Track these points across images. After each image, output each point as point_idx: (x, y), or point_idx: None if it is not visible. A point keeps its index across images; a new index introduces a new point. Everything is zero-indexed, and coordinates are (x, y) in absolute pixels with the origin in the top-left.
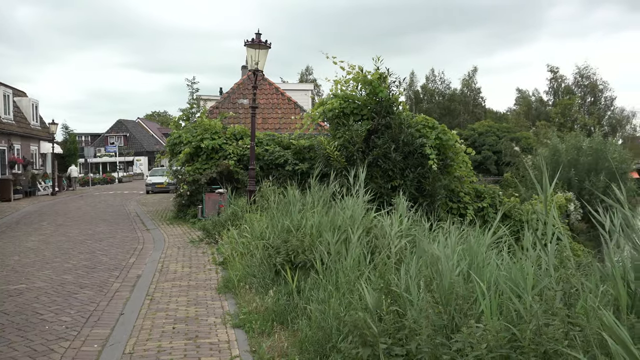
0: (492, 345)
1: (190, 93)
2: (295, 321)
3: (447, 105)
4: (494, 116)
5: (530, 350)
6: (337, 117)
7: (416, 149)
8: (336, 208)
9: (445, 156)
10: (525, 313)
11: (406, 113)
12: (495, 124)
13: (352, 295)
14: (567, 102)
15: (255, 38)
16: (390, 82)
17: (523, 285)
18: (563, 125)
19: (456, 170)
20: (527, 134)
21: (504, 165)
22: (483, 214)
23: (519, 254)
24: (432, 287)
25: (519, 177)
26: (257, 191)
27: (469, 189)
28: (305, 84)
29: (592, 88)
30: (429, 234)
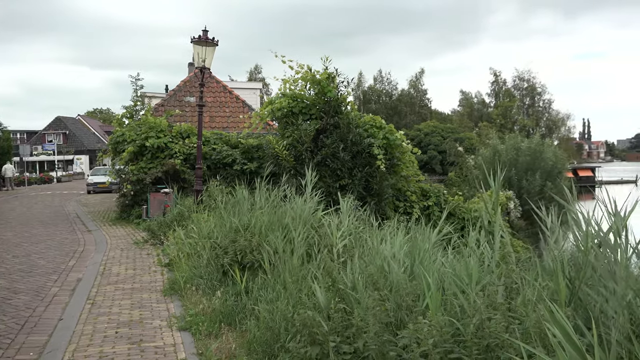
0: (436, 341)
1: (134, 90)
2: (244, 322)
3: (395, 106)
4: (439, 117)
5: (473, 344)
6: (286, 117)
7: (364, 149)
8: (285, 208)
9: (392, 156)
10: (468, 308)
11: (354, 113)
12: (440, 124)
13: (300, 294)
14: (507, 104)
15: (203, 35)
16: (338, 82)
17: (467, 281)
18: (504, 126)
19: (403, 170)
20: (470, 135)
21: (449, 165)
22: (428, 212)
23: (464, 251)
24: (379, 284)
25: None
26: (205, 191)
27: (415, 188)
28: (254, 83)
29: (531, 91)
30: (376, 233)
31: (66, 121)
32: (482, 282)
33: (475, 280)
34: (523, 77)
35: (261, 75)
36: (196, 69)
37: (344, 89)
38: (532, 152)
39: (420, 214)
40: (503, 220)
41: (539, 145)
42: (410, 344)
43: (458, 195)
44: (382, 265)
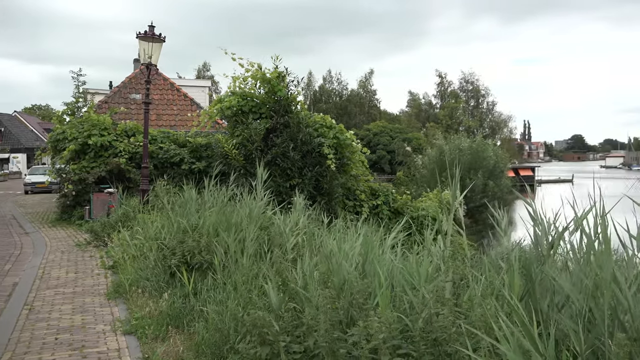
0: (386, 337)
1: (75, 86)
2: (192, 324)
3: (344, 106)
4: (388, 117)
5: (421, 339)
6: (236, 115)
7: (314, 148)
8: (235, 207)
9: (342, 155)
10: (417, 304)
11: (304, 112)
12: (389, 124)
13: (251, 294)
14: (453, 105)
15: (149, 30)
16: (288, 81)
17: (417, 278)
18: (450, 127)
19: (353, 169)
20: (418, 135)
21: (397, 165)
22: (377, 211)
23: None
24: (329, 283)
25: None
26: (151, 191)
27: (364, 187)
28: (202, 80)
29: (475, 93)
30: (326, 231)
31: (1, 117)
32: (431, 279)
33: (424, 278)
34: (468, 80)
35: (210, 73)
36: (142, 65)
37: (294, 88)
38: (473, 151)
39: (369, 213)
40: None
41: (481, 145)
42: (360, 340)
43: (406, 194)
44: (334, 264)
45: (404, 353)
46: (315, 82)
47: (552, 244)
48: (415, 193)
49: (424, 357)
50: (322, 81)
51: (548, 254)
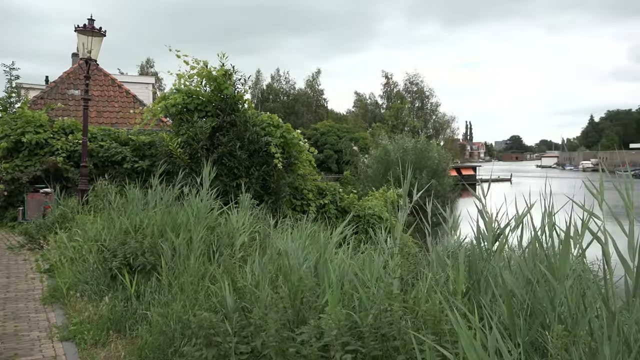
0: (335, 334)
1: (8, 80)
2: (134, 328)
3: (292, 105)
4: (335, 117)
5: (370, 335)
6: (181, 113)
7: (261, 147)
8: (180, 207)
9: (289, 154)
10: (367, 301)
11: (252, 111)
12: (336, 124)
13: (197, 295)
14: (398, 106)
15: (88, 24)
16: (235, 80)
17: (367, 276)
18: (395, 127)
19: (300, 169)
20: (364, 135)
21: (344, 164)
22: (325, 210)
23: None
24: (279, 282)
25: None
26: (91, 190)
27: (312, 186)
28: (146, 77)
29: (420, 94)
30: (274, 231)
31: None
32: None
33: (373, 275)
34: (413, 81)
35: (154, 70)
36: (81, 60)
37: (241, 86)
38: (418, 151)
39: (316, 212)
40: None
41: (425, 145)
42: (309, 339)
43: (353, 193)
44: (284, 263)
45: (353, 349)
46: (263, 80)
47: (495, 240)
48: (362, 192)
49: (372, 352)
50: (270, 80)
51: (492, 250)
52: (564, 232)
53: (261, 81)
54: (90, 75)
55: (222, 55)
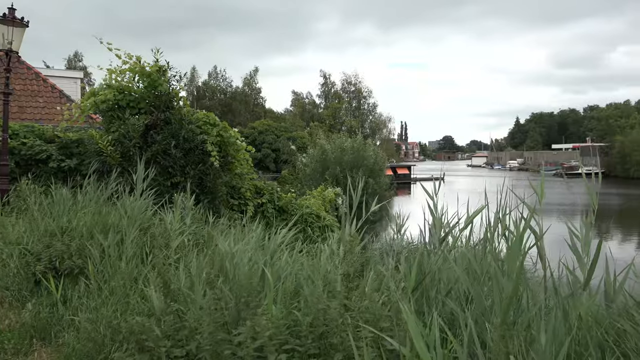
0: (272, 333)
1: None
2: (61, 335)
3: (229, 103)
4: (273, 116)
5: (309, 333)
6: (112, 110)
7: (197, 146)
8: (112, 207)
9: (226, 153)
10: (310, 299)
11: (187, 109)
12: (274, 123)
13: (129, 299)
14: (336, 105)
15: (9, 13)
16: (170, 76)
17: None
18: (333, 126)
19: (237, 168)
20: (302, 134)
21: (282, 163)
22: (262, 209)
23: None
24: (217, 283)
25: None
26: (12, 191)
27: (249, 185)
28: (73, 72)
29: (357, 94)
30: (212, 230)
31: None
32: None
33: (317, 273)
34: (350, 81)
35: (82, 64)
36: (1, 51)
37: (176, 83)
38: (355, 151)
39: (254, 211)
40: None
41: (362, 144)
42: (245, 340)
43: (291, 193)
44: (224, 263)
45: (290, 348)
46: (198, 78)
47: (444, 238)
48: (300, 191)
49: (310, 351)
50: (206, 77)
51: (440, 246)
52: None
53: (197, 78)
54: (11, 68)
55: (156, 51)
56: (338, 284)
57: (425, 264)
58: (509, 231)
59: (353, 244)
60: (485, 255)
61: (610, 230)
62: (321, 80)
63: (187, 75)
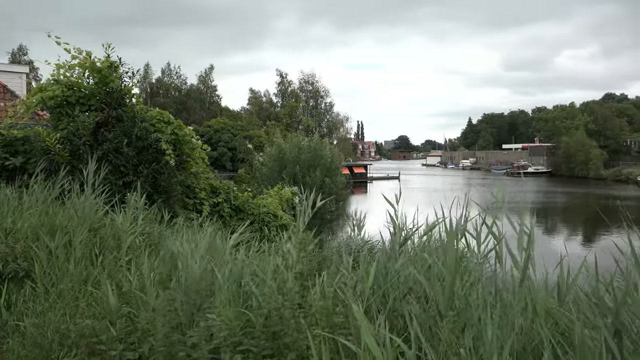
0: (226, 334)
1: None
2: (5, 341)
3: (184, 101)
4: (230, 114)
5: (262, 333)
6: (60, 107)
7: (151, 144)
8: (60, 208)
9: (181, 152)
10: (262, 299)
11: (140, 106)
12: (230, 122)
13: (78, 302)
14: (293, 104)
15: None
16: (122, 72)
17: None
18: (290, 125)
19: (193, 167)
20: (259, 133)
21: (239, 162)
22: (218, 209)
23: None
24: (170, 284)
25: (252, 173)
26: None
27: (205, 184)
28: (18, 66)
29: (314, 93)
30: (167, 231)
31: None
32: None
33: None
34: (308, 80)
35: (28, 58)
36: None
37: (129, 80)
38: (312, 150)
39: (210, 211)
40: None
41: (319, 144)
42: (199, 342)
43: (247, 192)
44: (177, 264)
45: (245, 349)
46: (152, 74)
47: (404, 242)
48: (257, 190)
49: (264, 351)
50: (160, 74)
51: (400, 250)
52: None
53: (151, 75)
54: None
55: (107, 46)
56: (289, 282)
57: (383, 264)
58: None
59: (306, 243)
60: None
61: (556, 227)
62: (278, 79)
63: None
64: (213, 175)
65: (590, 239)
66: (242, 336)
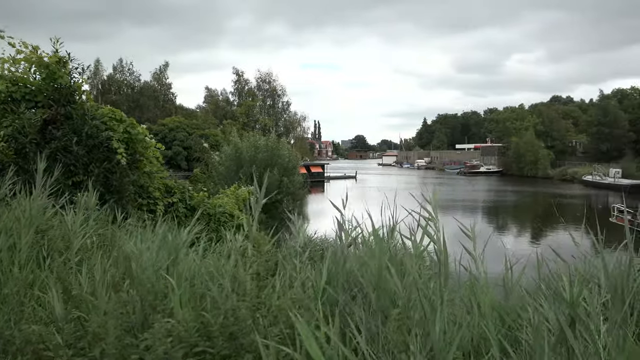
0: (181, 336)
1: None
2: None
3: (137, 99)
4: (185, 113)
5: (219, 335)
6: (4, 103)
7: (102, 143)
8: (4, 209)
9: (134, 151)
10: (219, 300)
11: (91, 103)
12: (185, 120)
13: (24, 307)
14: (250, 103)
15: None
16: (72, 68)
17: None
18: (247, 124)
19: (146, 166)
20: (215, 132)
21: (195, 161)
22: (173, 209)
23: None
24: (123, 286)
25: (208, 172)
26: None
27: (159, 184)
28: None
29: (271, 92)
30: (119, 232)
31: None
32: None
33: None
34: (265, 79)
35: None
36: None
37: (78, 76)
38: (269, 149)
39: (164, 211)
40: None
41: (276, 143)
42: (153, 344)
43: (203, 192)
44: (130, 266)
45: (201, 351)
46: (103, 71)
47: (353, 241)
48: (213, 190)
49: (222, 352)
50: (111, 71)
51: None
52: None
53: (102, 72)
54: None
55: (55, 41)
56: (247, 284)
57: (335, 265)
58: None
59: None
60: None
61: (506, 225)
62: (235, 77)
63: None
64: (168, 174)
65: (538, 236)
66: (198, 337)
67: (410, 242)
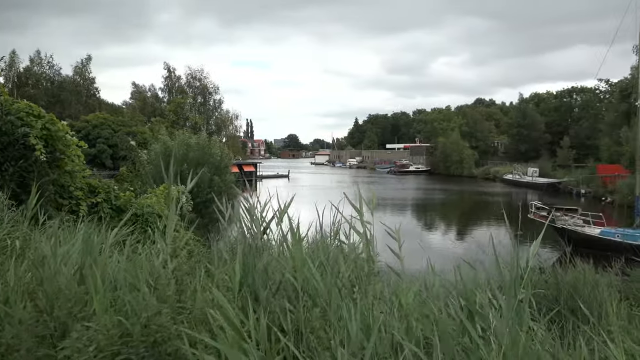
0: (102, 345)
1: None
2: None
3: (57, 93)
4: (110, 109)
5: (140, 343)
6: None
7: (18, 139)
8: None
9: (54, 149)
10: (137, 305)
11: (5, 97)
12: (111, 117)
13: None
14: (180, 100)
15: None
16: None
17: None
18: (176, 122)
19: (67, 165)
20: (143, 129)
21: (121, 159)
22: (97, 209)
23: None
24: (38, 293)
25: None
26: None
27: (82, 183)
28: None
29: (203, 90)
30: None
31: None
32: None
33: (145, 276)
34: (196, 76)
35: None
36: None
37: None
38: (200, 148)
39: (88, 212)
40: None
41: (207, 141)
42: (72, 354)
43: (129, 191)
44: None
45: (124, 358)
46: (20, 63)
47: (262, 233)
48: (141, 189)
49: (145, 359)
50: (29, 63)
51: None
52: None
53: (18, 64)
54: None
55: None
56: (170, 287)
57: (252, 261)
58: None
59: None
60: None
61: (433, 222)
62: (165, 73)
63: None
64: (91, 173)
65: (463, 233)
66: (120, 345)
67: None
